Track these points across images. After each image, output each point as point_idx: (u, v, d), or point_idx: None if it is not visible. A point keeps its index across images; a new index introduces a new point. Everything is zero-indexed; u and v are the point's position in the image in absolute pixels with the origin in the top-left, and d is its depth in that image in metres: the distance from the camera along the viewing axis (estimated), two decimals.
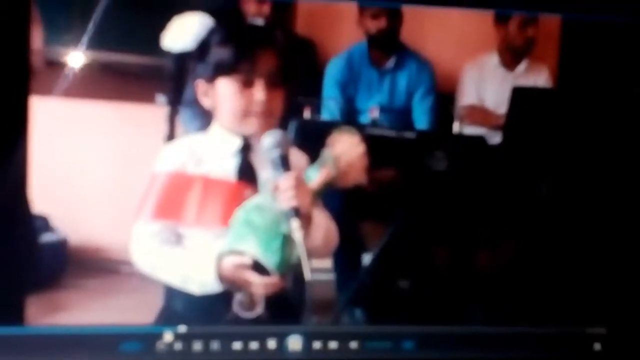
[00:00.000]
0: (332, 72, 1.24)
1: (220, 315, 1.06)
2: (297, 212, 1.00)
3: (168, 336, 1.07)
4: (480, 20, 1.24)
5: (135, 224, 1.07)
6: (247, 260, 1.01)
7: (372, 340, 1.11)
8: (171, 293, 1.08)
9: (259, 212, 1.02)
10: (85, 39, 1.06)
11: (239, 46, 1.07)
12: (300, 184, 1.02)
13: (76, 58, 1.07)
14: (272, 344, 1.08)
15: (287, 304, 1.07)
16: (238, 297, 1.05)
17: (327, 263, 1.21)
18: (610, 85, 1.21)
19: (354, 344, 1.11)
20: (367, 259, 1.24)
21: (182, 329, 1.07)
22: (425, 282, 1.25)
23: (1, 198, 1.01)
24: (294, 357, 1.09)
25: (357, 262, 1.24)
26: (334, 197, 1.10)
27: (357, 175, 1.09)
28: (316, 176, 1.05)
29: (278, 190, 1.02)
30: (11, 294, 1.05)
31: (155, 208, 1.06)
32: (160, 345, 1.06)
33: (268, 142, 1.03)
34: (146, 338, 1.06)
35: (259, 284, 1.03)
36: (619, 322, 1.18)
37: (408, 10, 1.20)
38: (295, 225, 1.00)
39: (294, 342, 1.09)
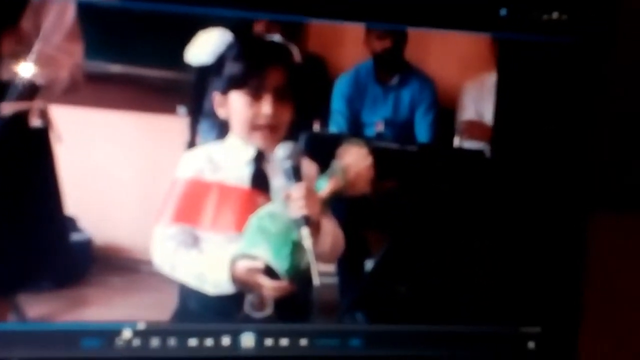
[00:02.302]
0: (340, 88, 1.30)
1: (232, 314, 1.12)
2: (307, 220, 1.06)
3: (127, 333, 1.10)
4: (480, 42, 1.31)
5: (155, 226, 1.12)
6: (259, 264, 1.07)
7: (321, 338, 1.15)
8: (187, 292, 1.14)
9: (272, 220, 1.08)
10: (115, 54, 1.13)
11: (250, 62, 1.13)
12: (310, 193, 1.08)
13: (107, 71, 1.14)
14: (226, 340, 1.12)
15: (295, 306, 1.13)
16: (249, 298, 1.10)
17: (330, 267, 1.25)
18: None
19: (303, 341, 1.14)
20: (369, 265, 1.29)
21: (141, 326, 1.10)
22: (420, 287, 1.30)
23: (37, 201, 1.09)
24: (246, 353, 1.13)
25: (360, 268, 1.29)
26: (339, 205, 1.16)
27: (364, 185, 1.14)
28: (325, 186, 1.11)
29: (290, 199, 1.07)
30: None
31: (175, 212, 1.11)
32: (119, 342, 1.09)
33: (281, 154, 1.09)
34: (106, 334, 1.09)
35: (270, 287, 1.08)
36: (553, 321, 1.21)
37: (413, 31, 1.25)
38: (305, 233, 1.05)
39: (247, 339, 1.13)
